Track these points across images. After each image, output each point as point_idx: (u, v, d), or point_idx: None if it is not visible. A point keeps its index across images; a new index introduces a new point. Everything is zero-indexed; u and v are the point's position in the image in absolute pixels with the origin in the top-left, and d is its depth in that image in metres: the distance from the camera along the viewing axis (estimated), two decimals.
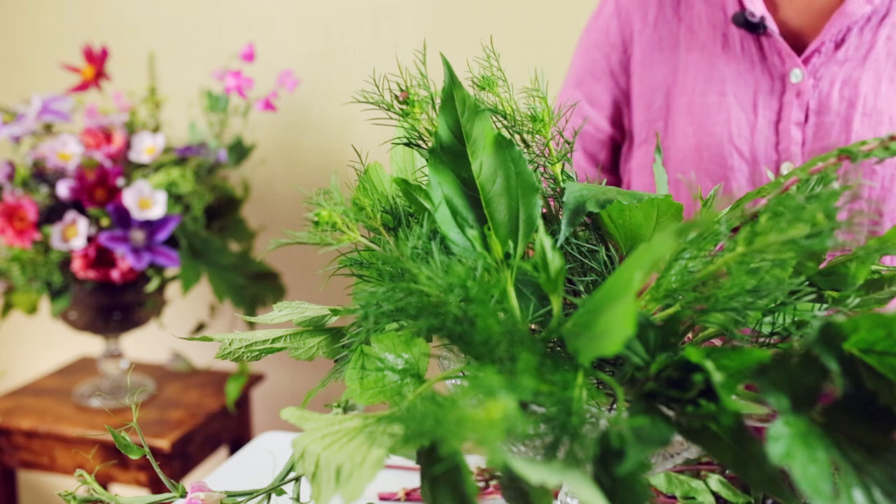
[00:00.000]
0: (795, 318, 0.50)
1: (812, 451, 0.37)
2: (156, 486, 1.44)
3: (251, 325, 1.53)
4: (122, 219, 1.36)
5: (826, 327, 0.39)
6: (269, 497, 0.57)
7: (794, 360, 0.40)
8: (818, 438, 0.38)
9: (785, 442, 0.37)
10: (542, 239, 0.47)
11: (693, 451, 0.52)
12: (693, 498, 0.72)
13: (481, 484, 0.78)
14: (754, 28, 0.94)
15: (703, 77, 0.98)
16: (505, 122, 0.59)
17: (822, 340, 0.39)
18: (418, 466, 0.45)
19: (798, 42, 0.96)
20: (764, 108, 0.95)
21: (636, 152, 1.07)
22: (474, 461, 0.83)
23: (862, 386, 0.40)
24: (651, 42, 1.03)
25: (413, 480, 0.82)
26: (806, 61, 0.93)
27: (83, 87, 1.49)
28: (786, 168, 0.94)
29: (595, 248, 0.57)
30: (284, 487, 0.59)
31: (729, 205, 0.55)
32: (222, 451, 1.79)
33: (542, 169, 0.59)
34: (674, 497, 0.72)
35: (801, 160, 0.93)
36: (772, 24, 0.94)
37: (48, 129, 1.45)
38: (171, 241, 1.43)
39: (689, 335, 0.55)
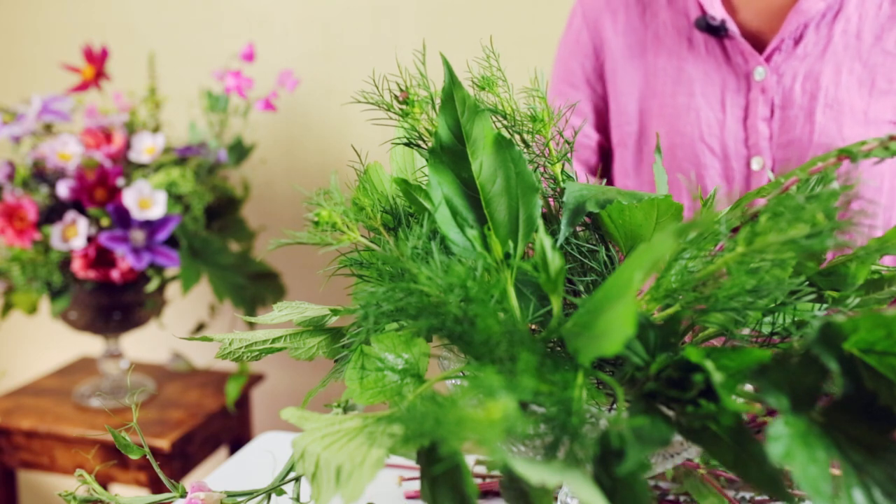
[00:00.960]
0: (795, 318, 0.50)
1: (812, 451, 0.37)
2: (156, 486, 1.44)
3: (251, 325, 1.53)
4: (122, 219, 1.36)
5: (826, 327, 0.39)
6: (269, 497, 0.57)
7: (794, 360, 0.40)
8: (818, 438, 0.38)
9: (785, 442, 0.37)
10: (542, 239, 0.47)
11: (693, 451, 0.52)
12: None
13: (478, 480, 0.78)
14: (716, 31, 0.99)
15: (671, 80, 1.03)
16: (505, 122, 0.59)
17: (822, 340, 0.39)
18: (418, 466, 0.45)
19: (758, 41, 1.01)
20: (731, 106, 0.99)
21: (615, 156, 1.11)
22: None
23: (862, 386, 0.40)
24: (620, 49, 1.07)
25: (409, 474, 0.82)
26: (768, 59, 0.98)
27: (83, 87, 1.49)
28: (756, 162, 0.99)
29: (595, 248, 0.57)
30: (284, 487, 0.59)
31: (728, 205, 0.55)
32: (222, 451, 1.78)
33: (542, 169, 0.59)
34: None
35: (770, 153, 0.99)
36: (733, 27, 0.98)
37: (48, 129, 1.45)
38: (171, 241, 1.43)
39: (689, 335, 0.55)
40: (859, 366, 0.41)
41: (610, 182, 1.15)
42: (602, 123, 1.13)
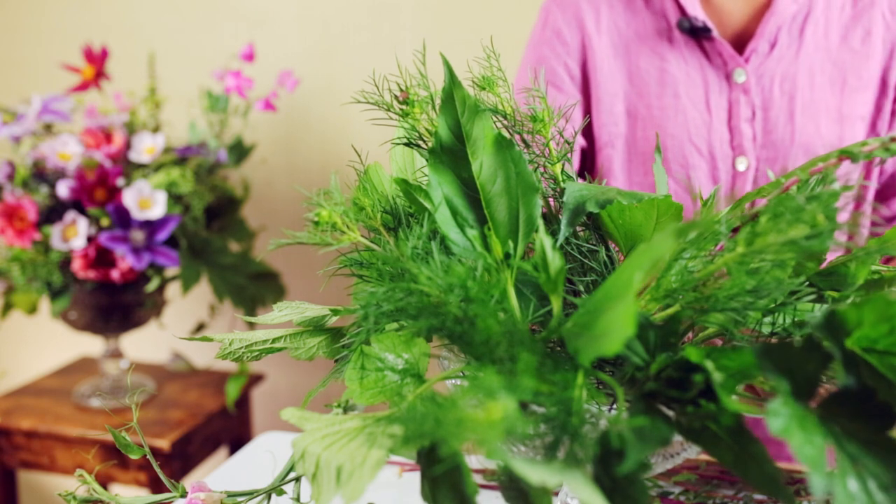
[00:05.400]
0: (795, 319, 0.50)
1: (809, 436, 0.37)
2: (156, 486, 1.44)
3: (251, 325, 1.53)
4: (122, 219, 1.36)
5: (831, 315, 0.39)
6: (269, 497, 0.57)
7: (796, 344, 0.40)
8: (815, 426, 0.38)
9: (784, 419, 0.37)
10: (542, 239, 0.47)
11: (693, 451, 0.52)
12: None
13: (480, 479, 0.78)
14: (699, 33, 1.00)
15: (655, 81, 1.03)
16: (505, 122, 0.59)
17: (825, 328, 0.39)
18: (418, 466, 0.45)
19: (735, 44, 1.02)
20: (716, 108, 1.01)
21: (598, 156, 1.08)
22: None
23: (861, 381, 0.40)
24: (603, 48, 1.06)
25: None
26: (746, 61, 1.00)
27: (83, 87, 1.49)
28: (741, 163, 1.01)
29: (595, 248, 0.57)
30: (284, 487, 0.59)
31: (728, 205, 0.55)
32: (222, 451, 1.78)
33: (542, 169, 0.59)
34: None
35: (754, 154, 1.01)
36: (714, 29, 1.00)
37: (48, 129, 1.45)
38: (171, 241, 1.43)
39: (689, 335, 0.55)
40: (860, 363, 0.41)
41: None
42: (587, 125, 1.09)
